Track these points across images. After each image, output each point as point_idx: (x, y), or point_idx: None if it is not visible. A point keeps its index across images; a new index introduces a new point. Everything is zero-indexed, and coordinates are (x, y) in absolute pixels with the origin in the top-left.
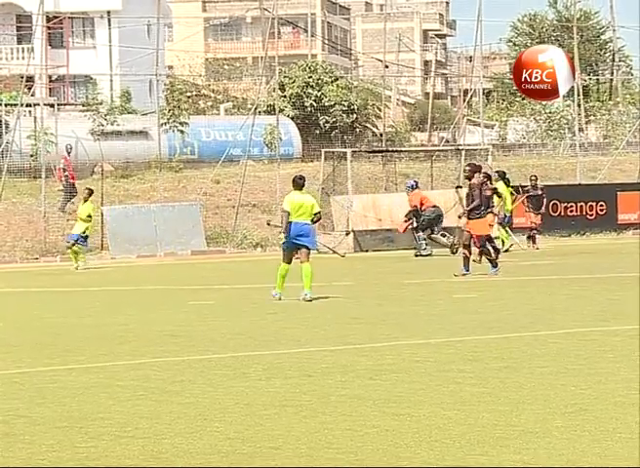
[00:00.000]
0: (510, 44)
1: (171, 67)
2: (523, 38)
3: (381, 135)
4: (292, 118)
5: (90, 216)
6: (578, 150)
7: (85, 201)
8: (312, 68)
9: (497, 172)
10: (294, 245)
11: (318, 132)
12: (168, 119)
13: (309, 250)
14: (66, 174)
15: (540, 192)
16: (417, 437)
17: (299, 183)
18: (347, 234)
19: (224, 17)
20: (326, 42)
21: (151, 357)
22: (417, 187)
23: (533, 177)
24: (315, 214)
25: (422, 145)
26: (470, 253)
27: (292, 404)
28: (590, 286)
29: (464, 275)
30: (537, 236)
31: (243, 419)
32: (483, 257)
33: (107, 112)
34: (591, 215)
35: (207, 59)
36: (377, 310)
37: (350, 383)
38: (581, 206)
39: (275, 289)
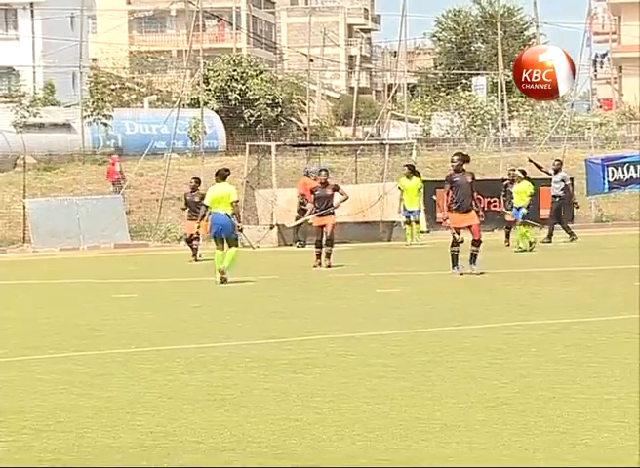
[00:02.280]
0: (435, 39)
1: (94, 60)
2: (447, 33)
3: (306, 129)
4: (216, 111)
5: None
6: (501, 145)
7: None
8: (237, 62)
9: (406, 165)
10: (217, 233)
11: (243, 125)
12: (91, 111)
13: (231, 238)
14: (117, 177)
15: None
16: (339, 431)
17: (220, 174)
18: (271, 228)
19: (149, 9)
20: (251, 35)
21: (74, 351)
22: None
23: (512, 170)
24: (231, 203)
25: (347, 140)
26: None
27: (214, 398)
28: (513, 280)
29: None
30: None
31: (166, 413)
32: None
33: (30, 104)
34: None
35: (131, 52)
36: (301, 304)
37: (273, 377)
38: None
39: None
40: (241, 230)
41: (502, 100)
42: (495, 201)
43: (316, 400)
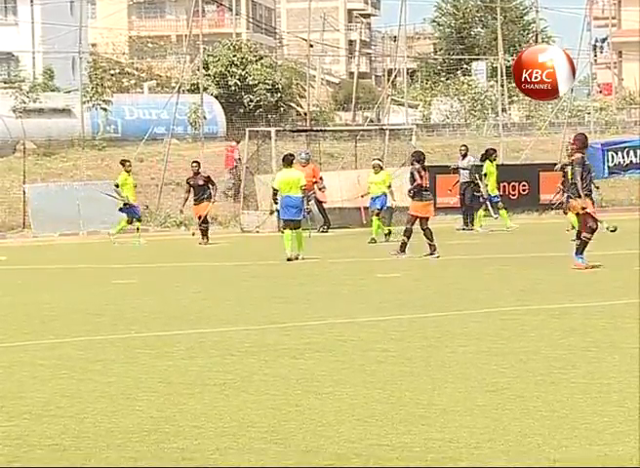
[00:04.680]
0: (434, 24)
1: (94, 45)
2: (447, 18)
3: (306, 114)
4: (216, 97)
5: (117, 185)
6: (501, 130)
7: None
8: (237, 47)
9: (491, 149)
10: (287, 215)
11: (242, 111)
12: (91, 97)
13: (299, 219)
14: (236, 164)
15: None
16: (339, 416)
17: (287, 160)
18: (271, 213)
19: None
20: (250, 21)
21: (74, 336)
22: None
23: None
24: (300, 187)
25: (347, 125)
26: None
27: (214, 383)
28: (512, 265)
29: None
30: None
31: (165, 398)
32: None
33: (30, 89)
34: (514, 195)
35: (130, 37)
36: (301, 289)
37: (273, 362)
38: (504, 186)
39: (286, 250)
40: (309, 212)
41: (502, 85)
42: (505, 185)
43: (316, 385)
